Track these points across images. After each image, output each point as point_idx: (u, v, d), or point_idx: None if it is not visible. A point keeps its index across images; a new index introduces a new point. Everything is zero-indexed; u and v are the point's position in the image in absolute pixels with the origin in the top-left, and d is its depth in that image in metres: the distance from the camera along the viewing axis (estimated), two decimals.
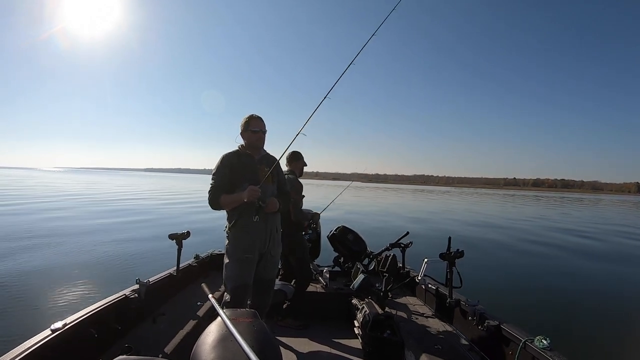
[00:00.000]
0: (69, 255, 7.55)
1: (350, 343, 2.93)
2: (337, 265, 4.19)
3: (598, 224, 20.85)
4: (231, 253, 2.43)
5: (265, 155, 2.58)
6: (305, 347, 2.86)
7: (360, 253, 3.95)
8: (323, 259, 4.21)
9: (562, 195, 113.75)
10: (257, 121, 2.50)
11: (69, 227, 11.15)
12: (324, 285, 3.69)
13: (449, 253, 2.90)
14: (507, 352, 2.22)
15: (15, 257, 7.01)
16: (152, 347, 2.19)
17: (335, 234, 3.98)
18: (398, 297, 3.53)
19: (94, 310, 2.16)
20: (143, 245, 8.73)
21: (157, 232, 10.51)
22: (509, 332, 2.23)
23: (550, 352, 1.92)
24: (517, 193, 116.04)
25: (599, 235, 14.88)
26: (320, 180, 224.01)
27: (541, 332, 2.09)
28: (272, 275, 2.62)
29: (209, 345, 1.34)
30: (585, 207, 40.08)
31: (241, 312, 1.61)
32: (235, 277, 2.40)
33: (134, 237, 9.93)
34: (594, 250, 11.36)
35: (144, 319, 2.57)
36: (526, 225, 17.83)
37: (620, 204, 57.71)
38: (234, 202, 2.37)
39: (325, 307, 3.48)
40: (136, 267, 6.72)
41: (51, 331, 1.85)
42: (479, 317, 2.49)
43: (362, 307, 2.79)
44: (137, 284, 2.62)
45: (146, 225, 12.47)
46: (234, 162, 2.45)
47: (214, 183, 2.41)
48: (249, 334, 1.39)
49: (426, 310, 3.17)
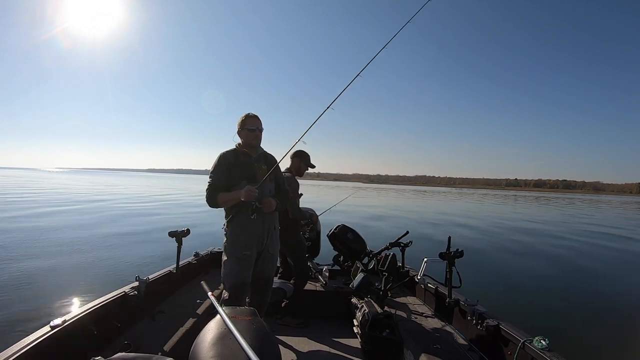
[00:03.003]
0: (69, 252, 7.56)
1: (350, 342, 2.93)
2: (336, 264, 4.19)
3: (598, 224, 20.81)
4: (229, 251, 2.45)
5: (262, 153, 2.59)
6: (304, 346, 2.86)
7: (360, 252, 3.95)
8: (323, 258, 4.21)
9: (563, 196, 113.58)
10: (253, 119, 2.51)
11: (69, 226, 11.17)
12: (323, 284, 3.68)
13: (449, 252, 2.89)
14: (505, 352, 2.22)
15: (15, 255, 7.01)
16: (152, 345, 2.19)
17: (335, 232, 3.98)
18: (397, 296, 3.53)
19: (94, 307, 2.17)
20: (143, 243, 8.74)
21: (157, 229, 10.54)
22: (508, 332, 2.22)
23: (549, 352, 1.92)
24: (519, 194, 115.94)
25: (599, 236, 14.85)
26: (321, 181, 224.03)
27: (540, 333, 2.09)
28: (271, 272, 2.63)
29: (208, 343, 1.34)
30: (586, 208, 40.02)
31: (240, 310, 1.62)
32: (233, 274, 2.41)
33: (134, 235, 9.95)
34: (593, 250, 11.34)
35: (143, 317, 2.57)
36: (526, 226, 17.81)
37: (622, 204, 57.61)
38: (231, 200, 2.39)
39: (324, 306, 3.48)
40: (136, 264, 6.73)
41: (50, 328, 1.85)
42: (478, 317, 2.49)
43: (362, 306, 2.79)
44: (136, 281, 2.63)
45: (146, 223, 12.50)
46: (231, 160, 2.46)
47: (212, 181, 2.42)
48: (248, 331, 1.39)
49: (425, 310, 3.17)
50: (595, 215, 29.92)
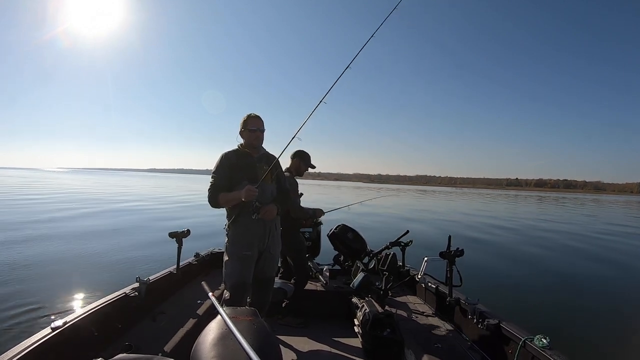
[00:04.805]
0: (70, 253, 7.56)
1: (350, 341, 2.93)
2: (337, 263, 4.19)
3: (598, 224, 20.79)
4: (230, 251, 2.46)
5: (264, 154, 2.59)
6: (305, 346, 2.86)
7: (360, 251, 3.95)
8: (323, 258, 4.21)
9: (564, 196, 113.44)
10: (254, 120, 2.52)
11: (69, 225, 11.17)
12: (324, 284, 3.68)
13: (449, 252, 2.90)
14: (506, 350, 2.22)
15: (15, 256, 7.01)
16: (152, 345, 2.20)
17: (335, 232, 3.98)
18: (398, 295, 3.53)
19: (95, 309, 2.17)
20: (143, 244, 8.74)
21: (158, 230, 10.52)
22: (509, 330, 2.22)
23: (549, 350, 1.92)
24: (520, 193, 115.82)
25: (599, 236, 14.82)
26: (321, 181, 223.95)
27: (541, 331, 2.09)
28: (272, 273, 2.64)
29: (209, 344, 1.34)
30: (587, 208, 39.99)
31: (241, 310, 1.62)
32: (234, 274, 2.41)
33: (134, 236, 9.95)
34: (594, 250, 11.32)
35: (144, 317, 2.57)
36: (527, 225, 17.79)
37: (623, 204, 57.52)
38: (232, 200, 2.40)
39: (325, 306, 3.48)
40: (136, 265, 6.72)
41: (51, 329, 1.85)
42: (479, 316, 2.49)
43: (362, 305, 2.79)
44: (137, 282, 2.63)
45: (147, 223, 12.50)
46: (233, 161, 2.47)
47: (213, 181, 2.43)
48: (249, 332, 1.39)
49: (426, 309, 3.17)
50: (596, 215, 29.90)
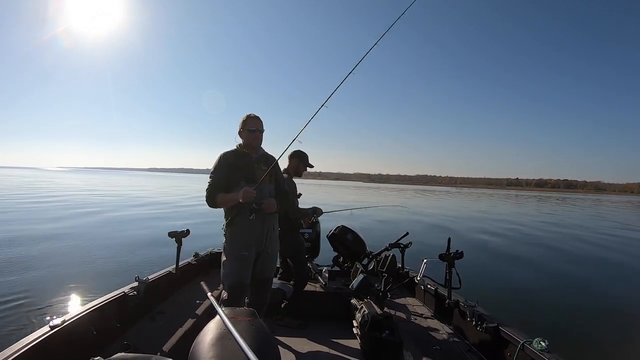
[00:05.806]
0: (69, 252, 7.56)
1: (349, 343, 2.93)
2: (336, 265, 4.19)
3: (598, 224, 20.78)
4: (228, 251, 2.46)
5: (263, 154, 2.59)
6: (303, 347, 2.85)
7: (360, 253, 3.95)
8: (322, 259, 4.20)
9: (565, 196, 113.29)
10: (254, 120, 2.51)
11: (69, 225, 11.18)
12: (323, 285, 3.68)
13: (449, 254, 2.89)
14: (505, 353, 2.22)
15: (14, 255, 7.02)
16: (151, 345, 2.20)
17: (334, 233, 3.97)
18: (397, 297, 3.52)
19: (93, 308, 2.17)
20: (142, 243, 8.73)
21: (157, 230, 10.52)
22: (508, 333, 2.22)
23: (548, 354, 1.92)
24: (520, 193, 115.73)
25: (599, 236, 14.81)
26: (322, 180, 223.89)
27: (540, 334, 2.09)
28: (270, 273, 2.64)
29: (207, 344, 1.34)
30: (587, 208, 39.94)
31: (240, 310, 1.62)
32: (232, 275, 2.42)
33: (133, 235, 9.95)
34: (593, 251, 11.31)
35: (142, 317, 2.57)
36: (526, 226, 17.76)
37: (623, 204, 57.49)
38: (229, 201, 2.40)
39: (324, 307, 3.47)
40: (135, 264, 6.72)
41: (50, 328, 1.85)
42: (478, 318, 2.49)
43: (361, 307, 2.79)
44: (136, 282, 2.63)
45: (146, 223, 12.50)
46: (232, 161, 2.47)
47: (212, 181, 2.43)
48: (248, 332, 1.39)
49: (425, 311, 3.17)
50: (597, 214, 29.87)
